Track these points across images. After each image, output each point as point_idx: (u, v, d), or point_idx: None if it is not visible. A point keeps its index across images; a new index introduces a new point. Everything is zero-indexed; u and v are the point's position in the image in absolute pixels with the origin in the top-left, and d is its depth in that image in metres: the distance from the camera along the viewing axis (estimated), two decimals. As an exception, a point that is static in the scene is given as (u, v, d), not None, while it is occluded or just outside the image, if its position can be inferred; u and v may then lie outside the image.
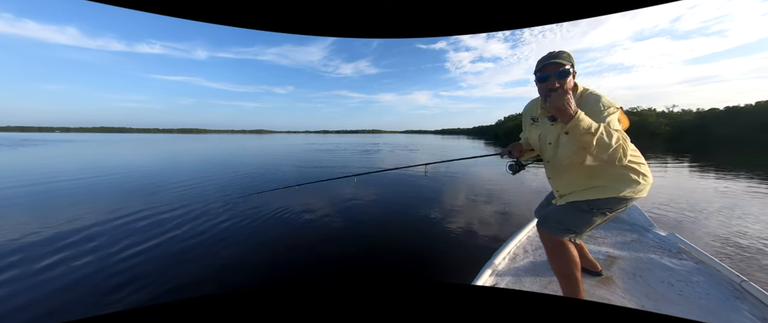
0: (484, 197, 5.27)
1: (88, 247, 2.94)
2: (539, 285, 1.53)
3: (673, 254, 1.81)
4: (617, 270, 1.62)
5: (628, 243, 2.00)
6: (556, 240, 1.32)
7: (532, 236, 2.09)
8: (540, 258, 1.78)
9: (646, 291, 1.42)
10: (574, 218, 1.29)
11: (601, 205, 1.24)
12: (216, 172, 8.43)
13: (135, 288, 2.20)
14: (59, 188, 5.94)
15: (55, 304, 1.96)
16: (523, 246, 1.95)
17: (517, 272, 1.64)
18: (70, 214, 4.07)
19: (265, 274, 2.47)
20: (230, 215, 4.06)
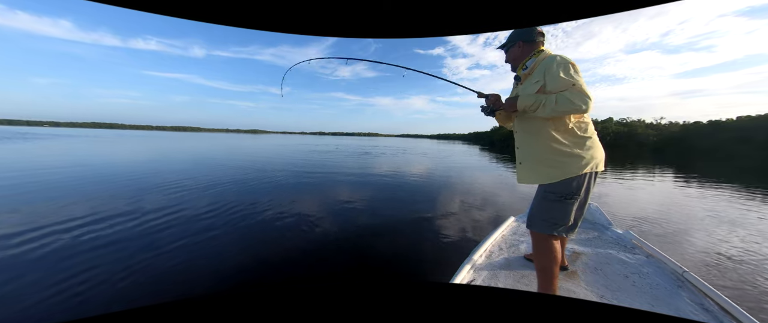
0: (470, 199, 5.53)
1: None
2: (513, 278, 1.69)
3: (628, 249, 2.06)
4: (581, 264, 1.84)
5: (590, 240, 2.24)
6: (544, 237, 1.40)
7: (507, 235, 2.29)
8: (513, 254, 1.97)
9: (606, 282, 1.62)
10: (553, 209, 1.37)
11: (564, 187, 1.34)
12: (208, 170, 8.56)
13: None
14: (43, 182, 6.01)
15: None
16: (498, 244, 2.12)
17: (493, 268, 1.78)
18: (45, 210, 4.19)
19: (239, 274, 2.40)
20: (217, 216, 4.14)
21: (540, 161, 1.39)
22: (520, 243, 2.16)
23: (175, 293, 2.17)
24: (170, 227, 3.52)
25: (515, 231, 2.39)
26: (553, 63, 1.31)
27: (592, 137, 1.37)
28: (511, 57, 1.56)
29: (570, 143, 1.33)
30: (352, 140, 64.00)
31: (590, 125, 1.39)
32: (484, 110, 1.64)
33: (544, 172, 1.38)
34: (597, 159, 1.36)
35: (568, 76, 1.26)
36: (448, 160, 15.27)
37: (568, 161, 1.32)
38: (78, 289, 2.12)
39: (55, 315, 1.74)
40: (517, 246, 2.09)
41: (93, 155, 12.55)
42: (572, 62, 1.30)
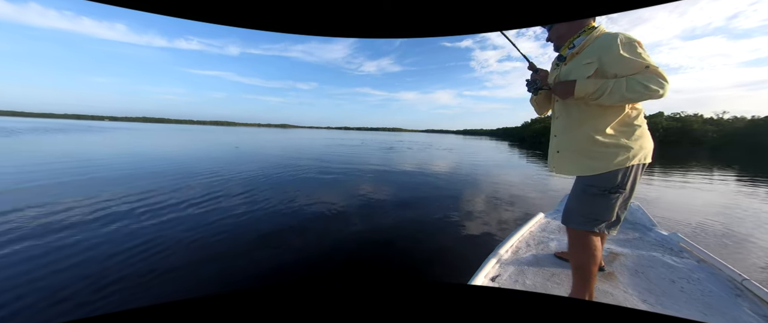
0: (498, 196, 5.34)
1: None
2: (543, 276, 1.60)
3: (674, 252, 1.89)
4: (619, 266, 1.73)
5: (630, 241, 2.08)
6: (582, 234, 1.29)
7: (535, 232, 2.21)
8: (542, 251, 1.89)
9: (648, 286, 1.50)
10: (594, 204, 1.25)
11: (608, 181, 1.20)
12: (250, 163, 9.11)
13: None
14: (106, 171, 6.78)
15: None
16: (526, 241, 2.04)
17: (520, 264, 1.72)
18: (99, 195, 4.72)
19: (257, 271, 2.41)
20: (251, 207, 4.42)
21: (582, 151, 1.25)
22: (549, 240, 2.07)
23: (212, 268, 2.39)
24: (217, 213, 3.86)
25: (544, 228, 2.30)
26: (614, 42, 1.13)
27: (642, 125, 1.22)
28: (557, 34, 1.37)
29: (619, 131, 1.19)
30: (377, 135, 64.56)
31: (642, 112, 1.24)
32: (529, 85, 1.45)
33: (585, 163, 1.24)
34: (646, 150, 1.21)
35: (636, 56, 1.10)
36: (475, 156, 14.84)
37: (614, 151, 1.18)
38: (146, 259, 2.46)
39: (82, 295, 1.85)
40: (546, 244, 2.00)
41: (157, 146, 14.10)
42: (637, 40, 1.12)
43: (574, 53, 1.29)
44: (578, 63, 1.25)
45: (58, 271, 2.26)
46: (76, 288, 2.06)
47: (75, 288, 2.06)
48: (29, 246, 2.65)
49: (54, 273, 2.22)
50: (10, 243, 2.69)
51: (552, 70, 1.45)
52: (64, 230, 3.02)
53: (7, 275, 2.17)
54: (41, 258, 2.43)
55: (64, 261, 2.41)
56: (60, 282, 2.12)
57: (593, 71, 1.19)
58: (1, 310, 1.82)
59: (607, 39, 1.16)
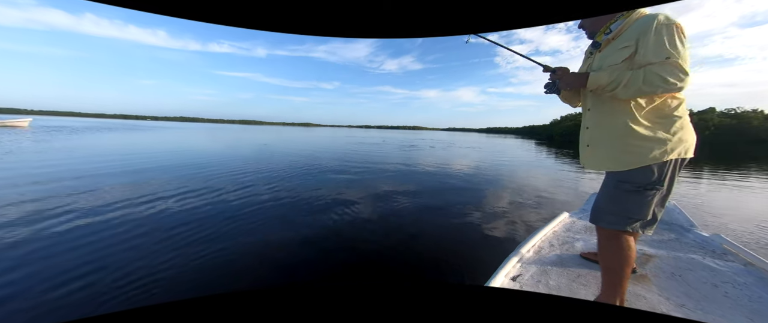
0: (522, 196, 5.17)
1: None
2: (567, 277, 1.54)
3: (717, 255, 1.75)
4: (653, 268, 1.63)
5: (665, 242, 1.96)
6: (613, 233, 1.21)
7: (559, 232, 2.13)
8: (567, 252, 1.83)
9: (687, 290, 1.41)
10: (627, 201, 1.17)
11: (643, 176, 1.12)
12: (276, 160, 9.55)
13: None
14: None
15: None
16: (548, 240, 1.98)
17: (543, 263, 1.67)
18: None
19: (270, 272, 2.42)
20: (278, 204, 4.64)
21: (614, 145, 1.18)
22: (575, 240, 1.99)
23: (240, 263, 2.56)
24: (251, 207, 4.13)
25: (569, 228, 2.21)
26: (652, 24, 1.04)
27: (682, 117, 1.13)
28: (591, 20, 1.28)
29: (656, 123, 1.11)
30: (398, 134, 64.49)
31: (683, 102, 1.14)
32: (549, 87, 1.40)
33: (618, 157, 1.17)
34: (686, 144, 1.12)
35: (665, 43, 1.02)
36: (499, 155, 14.38)
37: (650, 145, 1.10)
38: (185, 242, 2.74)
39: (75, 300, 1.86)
40: (571, 244, 1.94)
41: (193, 142, 15.30)
42: (678, 24, 1.03)
43: (610, 39, 1.21)
44: (614, 48, 1.17)
45: (127, 249, 2.61)
46: (141, 263, 2.37)
47: (140, 263, 2.37)
48: (105, 227, 3.06)
49: (127, 250, 2.60)
50: (89, 224, 3.11)
51: (585, 59, 1.38)
52: (128, 216, 3.43)
53: (87, 250, 2.53)
54: (113, 239, 2.78)
55: (133, 241, 2.78)
56: (127, 258, 2.45)
57: (628, 56, 1.12)
58: (85, 278, 2.12)
59: (647, 20, 1.08)
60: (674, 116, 1.12)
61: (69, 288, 2.00)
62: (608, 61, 1.19)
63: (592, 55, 1.33)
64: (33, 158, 7.77)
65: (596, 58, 1.27)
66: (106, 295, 1.97)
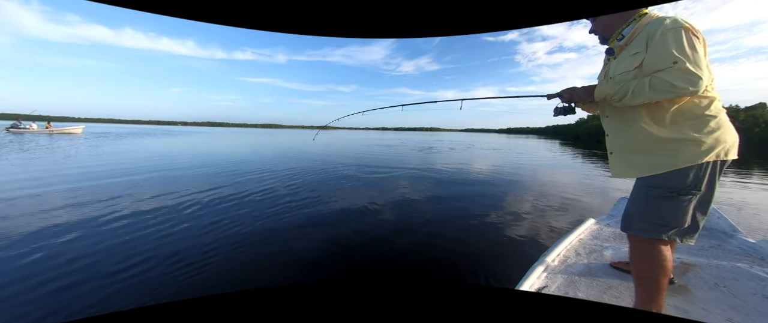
0: (547, 200, 4.98)
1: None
2: (597, 288, 1.46)
3: (767, 263, 1.61)
4: (693, 278, 1.53)
5: (705, 250, 1.83)
6: (646, 242, 1.15)
7: (586, 239, 2.03)
8: (595, 261, 1.74)
9: (733, 302, 1.31)
10: (660, 208, 1.09)
11: (676, 180, 1.05)
12: (294, 162, 9.85)
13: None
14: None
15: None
16: (575, 249, 1.89)
17: (570, 274, 1.59)
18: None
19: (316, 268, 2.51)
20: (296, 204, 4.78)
21: (637, 149, 1.13)
22: (603, 248, 1.91)
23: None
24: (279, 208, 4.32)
25: (596, 236, 2.12)
26: (657, 29, 1.02)
27: (718, 116, 1.05)
28: (603, 25, 1.25)
29: (684, 124, 1.05)
30: (415, 135, 64.21)
31: (716, 100, 1.06)
32: (558, 111, 1.37)
33: (643, 162, 1.11)
34: (725, 144, 1.04)
35: (676, 49, 0.99)
36: (522, 156, 13.91)
37: (679, 146, 1.04)
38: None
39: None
40: (599, 252, 1.86)
41: (222, 145, 16.24)
42: (689, 27, 1.00)
43: (622, 45, 1.18)
44: (626, 55, 1.14)
45: (175, 241, 2.94)
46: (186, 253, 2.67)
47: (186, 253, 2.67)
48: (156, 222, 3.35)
49: (175, 242, 2.92)
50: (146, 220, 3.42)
51: (603, 66, 1.34)
52: (171, 212, 3.73)
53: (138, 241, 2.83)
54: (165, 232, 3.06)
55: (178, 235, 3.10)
56: (179, 249, 2.76)
57: (638, 63, 1.08)
58: (142, 265, 2.44)
59: (654, 26, 1.05)
60: (707, 115, 1.04)
61: (131, 272, 2.34)
62: (621, 67, 1.16)
63: (608, 62, 1.29)
64: (90, 161, 8.84)
65: (611, 65, 1.24)
66: (160, 279, 2.26)
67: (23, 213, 3.72)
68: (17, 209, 3.87)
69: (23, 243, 2.81)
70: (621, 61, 1.18)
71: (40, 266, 2.37)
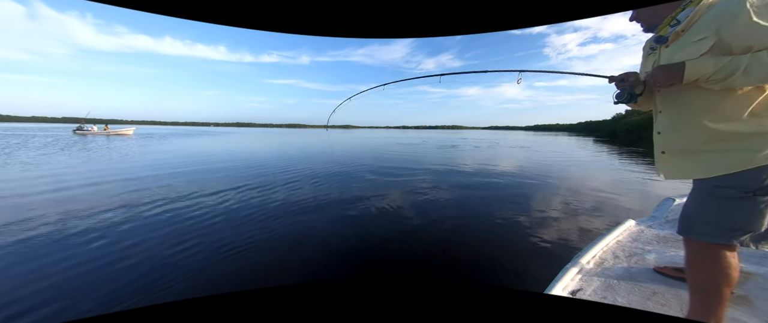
0: (579, 201, 4.70)
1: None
2: (640, 294, 1.35)
3: None
4: (755, 288, 1.39)
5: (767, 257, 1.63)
6: (709, 247, 1.04)
7: (625, 242, 1.90)
8: (637, 265, 1.62)
9: None
10: (732, 210, 0.98)
11: (753, 180, 0.94)
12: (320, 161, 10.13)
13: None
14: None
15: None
16: (612, 251, 1.77)
17: (608, 277, 1.49)
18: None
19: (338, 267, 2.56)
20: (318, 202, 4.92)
21: (700, 148, 1.03)
22: (646, 252, 1.78)
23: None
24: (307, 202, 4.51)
25: (636, 238, 1.98)
26: (741, 7, 0.90)
27: None
28: (647, 12, 1.13)
29: (764, 115, 0.94)
30: (437, 134, 63.36)
31: None
32: (621, 97, 1.21)
33: (712, 160, 1.00)
34: None
35: None
36: (553, 154, 13.22)
37: (757, 141, 0.93)
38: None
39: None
40: (641, 256, 1.73)
41: (254, 145, 17.42)
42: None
43: (679, 31, 1.05)
44: (687, 41, 1.02)
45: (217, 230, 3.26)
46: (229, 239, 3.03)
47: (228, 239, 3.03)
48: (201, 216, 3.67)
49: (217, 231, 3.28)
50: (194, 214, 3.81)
51: (646, 58, 1.21)
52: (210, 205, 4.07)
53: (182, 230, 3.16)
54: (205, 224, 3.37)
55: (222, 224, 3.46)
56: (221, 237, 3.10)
57: (707, 49, 0.97)
58: (194, 248, 2.81)
59: (728, 5, 0.93)
60: None
61: (185, 253, 2.71)
62: (681, 56, 1.05)
63: (654, 51, 1.16)
64: (143, 159, 10.03)
65: (663, 55, 1.11)
66: (210, 260, 2.61)
67: (92, 202, 4.34)
68: (90, 198, 4.53)
69: (102, 226, 3.35)
70: (679, 48, 1.07)
71: (117, 246, 2.86)
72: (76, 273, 2.34)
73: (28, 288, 2.11)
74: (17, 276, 2.28)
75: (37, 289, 2.11)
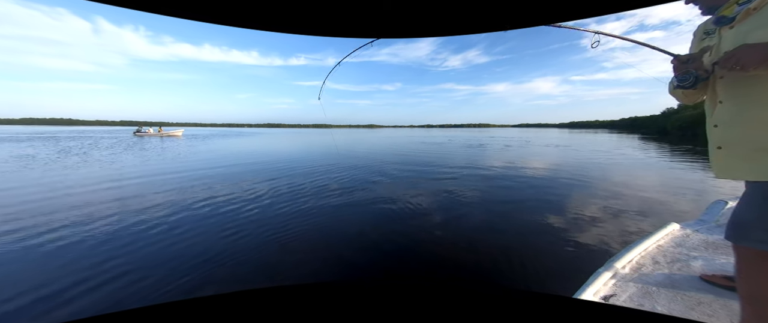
0: (617, 200, 4.38)
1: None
2: (683, 304, 1.25)
3: None
4: None
5: None
6: (762, 255, 0.97)
7: (667, 247, 1.77)
8: (680, 272, 1.51)
9: None
10: None
11: None
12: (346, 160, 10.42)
13: None
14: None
15: None
16: (652, 256, 1.67)
17: (646, 283, 1.40)
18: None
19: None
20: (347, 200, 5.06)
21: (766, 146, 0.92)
22: (691, 258, 1.66)
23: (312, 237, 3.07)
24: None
25: (680, 243, 1.85)
26: None
27: None
28: None
29: None
30: (462, 132, 61.72)
31: None
32: (687, 80, 1.08)
33: None
34: None
35: None
36: (595, 154, 12.35)
37: None
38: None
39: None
40: (685, 262, 1.62)
41: (286, 145, 18.66)
42: None
43: (750, 9, 0.93)
44: (761, 19, 0.89)
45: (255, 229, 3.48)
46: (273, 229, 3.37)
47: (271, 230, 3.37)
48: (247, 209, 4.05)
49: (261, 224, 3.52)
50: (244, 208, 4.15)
51: (698, 43, 1.10)
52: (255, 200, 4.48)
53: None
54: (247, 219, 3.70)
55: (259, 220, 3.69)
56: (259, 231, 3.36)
57: None
58: (241, 232, 3.31)
59: None
60: None
61: (235, 236, 3.21)
62: (754, 37, 0.91)
63: (714, 33, 1.04)
64: (193, 157, 11.63)
65: (727, 37, 0.99)
66: (255, 240, 3.10)
67: (157, 194, 5.02)
68: (153, 191, 5.24)
69: (169, 214, 3.88)
70: (751, 28, 0.94)
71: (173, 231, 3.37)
72: (153, 249, 2.89)
73: (123, 258, 2.70)
74: (106, 252, 2.83)
75: (128, 256, 2.72)
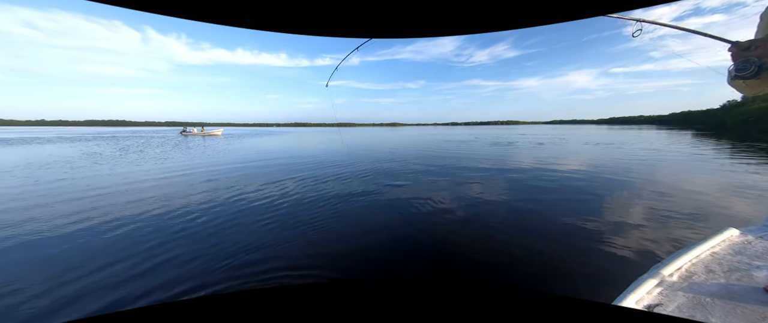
0: (667, 202, 4.06)
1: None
2: (743, 317, 1.16)
3: None
4: None
5: None
6: None
7: (723, 254, 1.65)
8: (739, 282, 1.40)
9: None
10: None
11: None
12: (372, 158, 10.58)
13: None
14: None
15: None
16: (705, 264, 1.55)
17: (698, 292, 1.30)
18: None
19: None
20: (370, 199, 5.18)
21: None
22: (752, 267, 1.56)
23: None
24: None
25: (740, 251, 1.73)
26: None
27: None
28: None
29: None
30: (489, 130, 59.44)
31: None
32: (747, 69, 1.01)
33: None
34: None
35: None
36: (645, 152, 11.40)
37: None
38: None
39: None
40: (746, 272, 1.52)
41: (314, 143, 19.50)
42: None
43: None
44: None
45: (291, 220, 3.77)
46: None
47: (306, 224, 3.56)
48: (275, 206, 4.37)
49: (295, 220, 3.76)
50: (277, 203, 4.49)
51: (766, 26, 1.04)
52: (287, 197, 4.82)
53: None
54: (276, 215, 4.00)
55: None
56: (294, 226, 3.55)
57: None
58: (278, 222, 3.70)
59: None
60: None
61: (272, 225, 3.63)
62: None
63: None
64: (233, 154, 12.61)
65: None
66: (291, 232, 3.42)
67: (200, 188, 5.52)
68: (199, 183, 5.83)
69: (205, 208, 4.28)
70: None
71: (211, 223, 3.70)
72: (199, 236, 3.29)
73: (175, 242, 3.15)
74: (162, 236, 3.29)
75: (178, 241, 3.17)
